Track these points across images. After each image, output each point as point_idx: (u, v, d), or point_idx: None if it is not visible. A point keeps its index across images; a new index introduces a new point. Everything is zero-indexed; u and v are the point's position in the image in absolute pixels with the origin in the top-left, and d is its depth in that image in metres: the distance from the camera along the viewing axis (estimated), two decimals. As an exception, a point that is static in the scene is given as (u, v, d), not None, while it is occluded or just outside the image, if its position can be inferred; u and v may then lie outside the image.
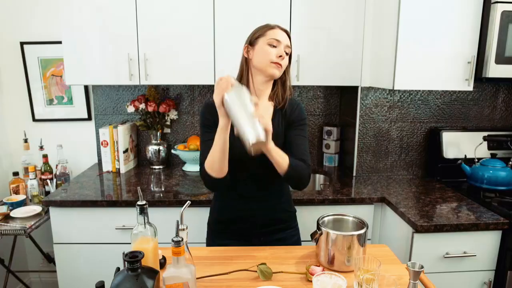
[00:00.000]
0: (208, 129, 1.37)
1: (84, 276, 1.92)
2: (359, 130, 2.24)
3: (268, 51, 1.33)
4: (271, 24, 1.38)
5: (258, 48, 1.35)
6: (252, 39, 1.37)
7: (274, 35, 1.34)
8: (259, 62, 1.35)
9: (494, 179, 1.98)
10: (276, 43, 1.33)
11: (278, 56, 1.33)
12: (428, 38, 1.87)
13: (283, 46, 1.34)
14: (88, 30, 2.01)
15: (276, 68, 1.34)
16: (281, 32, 1.35)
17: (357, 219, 1.29)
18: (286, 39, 1.36)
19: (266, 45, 1.34)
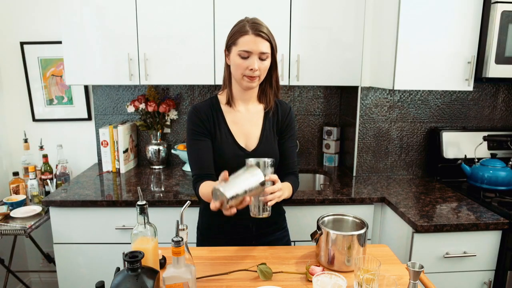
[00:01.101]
0: (198, 137, 1.33)
1: (84, 276, 1.92)
2: (359, 130, 2.24)
3: (239, 64, 1.24)
4: (244, 27, 1.24)
5: (231, 58, 1.27)
6: (227, 44, 1.29)
7: (244, 45, 1.22)
8: (233, 74, 1.30)
9: (494, 179, 1.98)
10: (247, 54, 1.23)
11: (249, 69, 1.24)
12: (428, 38, 1.87)
13: (257, 54, 1.23)
14: (88, 30, 2.01)
15: (249, 81, 1.27)
16: (253, 39, 1.22)
17: (357, 219, 1.29)
18: (259, 46, 1.23)
19: (237, 56, 1.24)
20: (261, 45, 1.23)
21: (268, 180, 1.12)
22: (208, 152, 1.33)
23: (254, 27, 1.23)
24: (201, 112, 1.34)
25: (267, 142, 1.38)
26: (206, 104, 1.37)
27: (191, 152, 1.35)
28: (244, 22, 1.26)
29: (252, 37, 1.22)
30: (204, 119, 1.34)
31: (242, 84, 1.29)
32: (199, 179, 1.32)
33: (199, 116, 1.34)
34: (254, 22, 1.25)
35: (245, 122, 1.38)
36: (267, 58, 1.27)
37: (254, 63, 1.23)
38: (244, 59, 1.24)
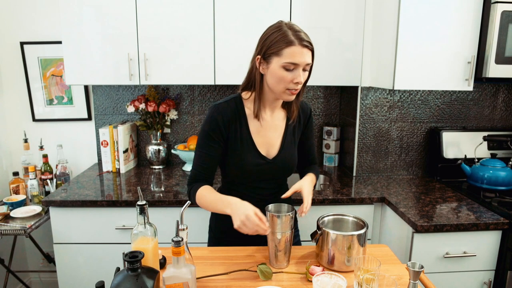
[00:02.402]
0: (211, 142, 1.27)
1: (84, 276, 1.92)
2: (359, 130, 2.24)
3: (283, 78, 1.16)
4: (289, 36, 1.14)
5: (272, 69, 1.17)
6: (266, 53, 1.18)
7: (290, 58, 1.13)
8: (272, 86, 1.21)
9: (494, 179, 1.98)
10: (293, 66, 1.15)
11: (294, 83, 1.17)
12: (428, 38, 1.87)
13: (302, 66, 1.16)
14: (88, 30, 2.01)
15: (290, 95, 1.21)
16: (300, 50, 1.14)
17: (357, 219, 1.29)
18: (306, 58, 1.15)
19: (280, 69, 1.16)
20: (306, 57, 1.16)
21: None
22: (216, 159, 1.30)
23: (299, 37, 1.14)
24: (224, 116, 1.27)
25: (288, 150, 1.36)
26: (230, 107, 1.28)
27: (200, 152, 1.30)
28: (285, 29, 1.16)
29: (299, 49, 1.14)
30: (226, 125, 1.27)
31: (282, 96, 1.22)
32: (197, 180, 1.31)
33: (221, 120, 1.26)
34: (296, 30, 1.16)
35: (267, 130, 1.33)
36: (309, 68, 1.22)
37: (300, 76, 1.16)
38: (288, 72, 1.16)
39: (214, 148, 1.29)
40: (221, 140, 1.29)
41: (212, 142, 1.28)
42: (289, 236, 1.18)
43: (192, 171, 1.32)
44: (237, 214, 1.10)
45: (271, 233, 1.18)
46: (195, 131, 2.51)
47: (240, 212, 1.09)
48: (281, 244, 1.18)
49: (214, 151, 1.29)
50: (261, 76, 1.24)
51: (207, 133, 1.27)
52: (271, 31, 1.19)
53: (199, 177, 1.31)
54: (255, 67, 1.23)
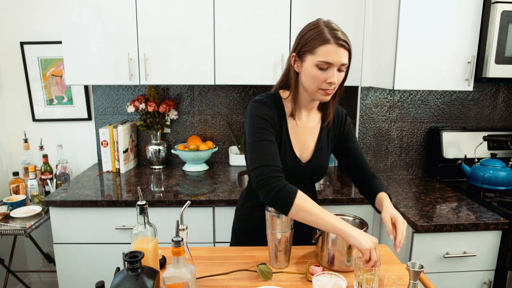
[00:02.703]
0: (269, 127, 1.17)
1: (84, 276, 1.92)
2: (359, 130, 2.24)
3: (316, 77, 1.12)
4: (325, 34, 1.09)
5: (306, 67, 1.14)
6: (301, 51, 1.15)
7: (324, 56, 1.09)
8: (306, 85, 1.17)
9: (494, 179, 1.98)
10: (327, 65, 1.11)
11: (327, 83, 1.13)
12: (428, 38, 1.87)
13: (337, 66, 1.11)
14: (88, 30, 2.01)
15: (324, 95, 1.16)
16: (335, 49, 1.09)
17: (357, 219, 1.29)
18: (341, 57, 1.11)
19: (314, 67, 1.12)
20: (342, 56, 1.11)
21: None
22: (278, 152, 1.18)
23: (335, 35, 1.09)
24: (270, 106, 1.20)
25: (321, 155, 1.31)
26: (272, 101, 1.22)
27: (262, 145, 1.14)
28: (321, 26, 1.11)
29: (334, 47, 1.09)
30: (274, 114, 1.20)
31: (315, 96, 1.18)
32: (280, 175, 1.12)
33: (270, 109, 1.19)
34: (333, 28, 1.11)
35: (303, 132, 1.28)
36: (345, 69, 1.16)
37: (334, 75, 1.12)
38: (322, 71, 1.12)
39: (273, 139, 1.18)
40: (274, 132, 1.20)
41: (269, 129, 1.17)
42: (289, 236, 1.18)
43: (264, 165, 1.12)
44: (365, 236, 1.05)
45: (271, 233, 1.18)
46: (195, 131, 2.51)
47: (370, 237, 1.05)
48: (281, 244, 1.18)
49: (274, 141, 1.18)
50: (296, 74, 1.20)
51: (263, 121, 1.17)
52: (308, 28, 1.14)
53: (279, 171, 1.13)
54: (291, 65, 1.20)
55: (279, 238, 1.17)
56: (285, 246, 1.19)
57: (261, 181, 1.10)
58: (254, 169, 1.13)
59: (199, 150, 2.29)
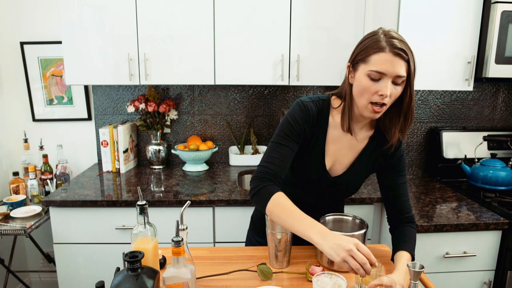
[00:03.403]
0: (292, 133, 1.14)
1: (84, 276, 1.92)
2: (359, 130, 2.24)
3: (366, 88, 1.03)
4: (381, 42, 1.01)
5: (357, 77, 1.06)
6: (355, 60, 1.07)
7: (377, 65, 1.00)
8: (356, 98, 1.08)
9: (494, 179, 1.98)
10: (379, 76, 1.01)
11: (379, 95, 1.02)
12: (428, 38, 1.87)
13: (391, 77, 1.00)
14: (88, 30, 2.01)
15: (373, 112, 1.05)
16: (390, 58, 0.99)
17: (357, 219, 1.29)
18: (396, 68, 0.99)
19: (365, 77, 1.03)
20: (398, 67, 1.00)
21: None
22: (291, 158, 1.16)
23: (391, 43, 1.00)
24: (310, 114, 1.15)
25: (355, 174, 1.22)
26: (315, 106, 1.17)
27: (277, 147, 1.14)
28: (379, 34, 1.04)
29: (389, 56, 0.99)
30: (309, 123, 1.15)
31: (364, 112, 1.07)
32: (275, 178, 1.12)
33: (307, 116, 1.14)
34: (391, 36, 1.02)
35: (344, 144, 1.20)
36: (402, 83, 1.03)
37: (386, 87, 1.00)
38: (373, 81, 1.02)
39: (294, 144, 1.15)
40: (301, 137, 1.16)
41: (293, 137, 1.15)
42: (289, 236, 1.18)
43: (263, 168, 1.13)
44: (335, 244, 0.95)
45: (271, 233, 1.18)
46: (195, 131, 2.51)
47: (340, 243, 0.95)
48: (281, 244, 1.18)
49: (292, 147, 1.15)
50: (350, 86, 1.10)
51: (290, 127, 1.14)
52: (366, 36, 1.07)
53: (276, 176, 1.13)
54: (346, 76, 1.13)
55: (279, 238, 1.17)
56: (285, 246, 1.19)
57: (254, 178, 1.14)
58: (259, 165, 1.15)
59: (199, 150, 2.29)
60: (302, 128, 1.15)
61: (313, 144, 1.19)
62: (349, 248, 0.93)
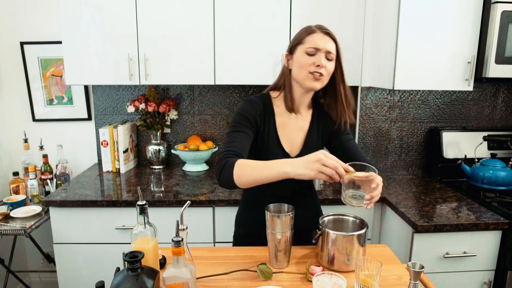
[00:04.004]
0: (246, 122, 1.27)
1: (84, 276, 1.92)
2: (359, 130, 2.24)
3: (305, 62, 1.22)
4: (311, 27, 1.25)
5: (296, 58, 1.25)
6: (292, 47, 1.28)
7: (312, 42, 1.22)
8: (297, 75, 1.26)
9: (494, 179, 1.98)
10: (315, 51, 1.21)
11: (316, 66, 1.21)
12: (428, 38, 1.87)
13: (324, 52, 1.22)
14: (88, 30, 2.01)
15: (314, 80, 1.23)
16: (322, 36, 1.22)
17: (357, 219, 1.29)
18: (328, 44, 1.22)
19: (303, 54, 1.23)
20: (328, 44, 1.22)
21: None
22: (249, 141, 1.26)
23: (321, 27, 1.25)
24: (256, 105, 1.30)
25: (310, 149, 1.25)
26: (260, 100, 1.32)
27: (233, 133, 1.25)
28: (309, 26, 1.27)
29: (320, 35, 1.23)
30: (257, 113, 1.29)
31: (306, 83, 1.24)
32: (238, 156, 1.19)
33: (254, 107, 1.29)
34: (320, 25, 1.27)
35: (292, 127, 1.35)
36: (332, 59, 1.25)
37: (321, 59, 1.21)
38: (310, 56, 1.22)
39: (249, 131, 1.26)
40: (253, 125, 1.28)
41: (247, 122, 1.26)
42: (289, 236, 1.18)
43: (225, 150, 1.21)
44: (305, 163, 1.04)
45: (271, 233, 1.18)
46: (195, 131, 2.51)
47: (310, 159, 1.03)
48: (281, 244, 1.18)
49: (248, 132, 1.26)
50: (289, 72, 1.30)
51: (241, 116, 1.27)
52: (299, 31, 1.29)
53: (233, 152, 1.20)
54: (285, 65, 1.32)
55: (279, 238, 1.17)
56: (285, 246, 1.19)
57: (218, 161, 1.20)
58: (220, 154, 1.22)
59: (199, 150, 2.29)
60: (253, 117, 1.28)
61: (266, 132, 1.31)
62: (318, 158, 1.02)
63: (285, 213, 1.18)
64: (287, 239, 1.18)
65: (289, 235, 1.18)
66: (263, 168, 1.10)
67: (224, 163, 1.15)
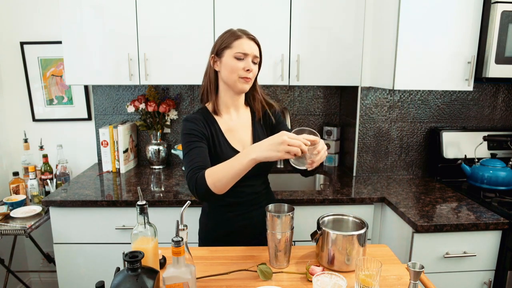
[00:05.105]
0: (195, 138, 1.30)
1: (84, 276, 1.92)
2: (359, 130, 2.24)
3: (235, 66, 1.28)
4: (237, 32, 1.31)
5: (225, 61, 1.30)
6: (219, 50, 1.32)
7: (240, 48, 1.28)
8: (227, 78, 1.31)
9: (494, 179, 1.98)
10: (243, 56, 1.28)
11: (245, 70, 1.29)
12: (428, 38, 1.87)
13: (251, 57, 1.30)
14: (88, 30, 2.01)
15: (245, 83, 1.31)
16: (248, 42, 1.29)
17: (357, 219, 1.29)
18: (254, 49, 1.30)
19: (232, 59, 1.28)
20: (255, 49, 1.31)
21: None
22: (206, 153, 1.30)
23: (245, 32, 1.32)
24: (197, 121, 1.34)
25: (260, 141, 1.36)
26: (199, 114, 1.37)
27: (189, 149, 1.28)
28: (233, 30, 1.33)
29: (246, 41, 1.29)
30: (201, 126, 1.33)
31: (237, 86, 1.31)
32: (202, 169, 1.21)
33: (196, 123, 1.32)
34: (243, 29, 1.33)
35: (238, 129, 1.40)
36: (257, 62, 1.34)
37: (250, 64, 1.29)
38: (239, 61, 1.28)
39: (202, 144, 1.30)
40: (203, 138, 1.32)
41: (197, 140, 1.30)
42: (289, 236, 1.19)
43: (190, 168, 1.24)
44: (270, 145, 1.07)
45: (271, 233, 1.18)
46: (195, 131, 2.51)
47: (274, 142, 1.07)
48: (281, 244, 1.18)
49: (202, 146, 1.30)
50: (215, 74, 1.36)
51: (188, 136, 1.30)
52: (222, 34, 1.35)
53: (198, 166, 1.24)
54: (210, 67, 1.37)
55: (279, 238, 1.17)
56: (285, 246, 1.19)
57: (188, 182, 1.22)
58: (186, 175, 1.24)
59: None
60: (199, 131, 1.31)
61: (216, 141, 1.35)
62: (282, 140, 1.05)
63: (285, 213, 1.18)
64: (287, 239, 1.18)
65: (289, 235, 1.18)
66: (231, 165, 1.14)
67: (195, 179, 1.19)
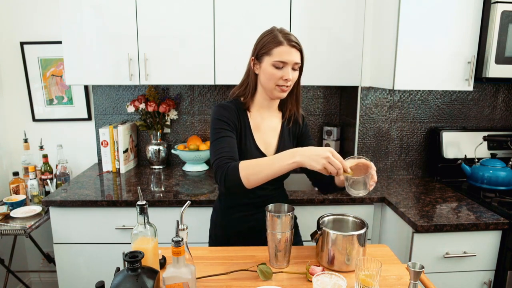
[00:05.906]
0: (227, 126, 1.29)
1: (84, 276, 1.92)
2: (359, 130, 2.24)
3: (273, 75, 1.26)
4: (278, 37, 1.25)
5: (263, 68, 1.28)
6: (258, 54, 1.29)
7: (279, 56, 1.24)
8: (264, 83, 1.30)
9: (494, 179, 1.98)
10: (282, 64, 1.25)
11: (283, 79, 1.26)
12: (428, 38, 1.87)
13: (291, 65, 1.26)
14: (88, 30, 2.01)
15: (281, 91, 1.29)
16: (289, 50, 1.24)
17: (357, 219, 1.29)
18: (294, 57, 1.26)
19: (271, 66, 1.26)
20: (295, 56, 1.26)
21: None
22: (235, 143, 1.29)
23: (287, 38, 1.25)
24: (231, 110, 1.32)
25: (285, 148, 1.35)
26: (232, 104, 1.35)
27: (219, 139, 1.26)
28: (275, 32, 1.28)
29: (287, 48, 1.24)
30: (234, 117, 1.32)
31: (273, 93, 1.30)
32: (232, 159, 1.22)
33: (229, 111, 1.31)
34: (286, 33, 1.27)
35: (265, 130, 1.39)
36: (298, 68, 1.30)
37: (288, 73, 1.26)
38: (278, 69, 1.26)
39: (232, 135, 1.29)
40: (233, 128, 1.31)
41: (228, 129, 1.29)
42: (289, 236, 1.18)
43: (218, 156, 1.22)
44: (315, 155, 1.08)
45: (271, 233, 1.18)
46: (195, 131, 2.51)
47: (318, 153, 1.08)
48: (281, 244, 1.18)
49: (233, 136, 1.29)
50: (255, 76, 1.34)
51: (220, 122, 1.29)
52: (263, 34, 1.31)
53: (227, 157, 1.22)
54: (251, 68, 1.34)
55: (279, 238, 1.17)
56: (285, 246, 1.19)
57: (216, 170, 1.21)
58: (213, 163, 1.24)
59: (199, 150, 2.29)
60: (231, 120, 1.30)
61: (244, 134, 1.35)
62: (326, 156, 1.07)
63: (285, 213, 1.18)
64: (287, 239, 1.18)
65: (289, 235, 1.18)
66: (271, 162, 1.13)
67: (227, 168, 1.17)
